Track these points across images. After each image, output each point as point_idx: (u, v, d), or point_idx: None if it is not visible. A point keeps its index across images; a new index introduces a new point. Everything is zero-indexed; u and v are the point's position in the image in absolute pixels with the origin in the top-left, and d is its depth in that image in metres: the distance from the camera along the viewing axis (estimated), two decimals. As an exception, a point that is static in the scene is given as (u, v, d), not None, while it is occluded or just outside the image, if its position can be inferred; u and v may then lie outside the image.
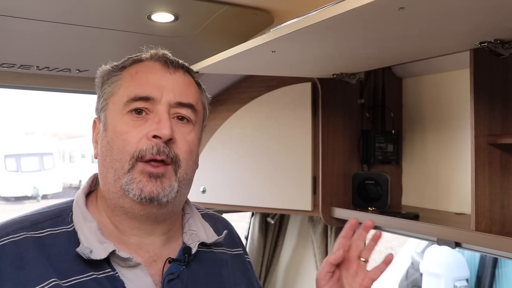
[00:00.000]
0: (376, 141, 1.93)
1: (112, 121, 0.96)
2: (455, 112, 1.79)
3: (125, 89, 0.96)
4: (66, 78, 1.90)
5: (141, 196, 0.92)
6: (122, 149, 0.93)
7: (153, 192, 0.92)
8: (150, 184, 0.92)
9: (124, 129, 0.94)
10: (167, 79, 0.98)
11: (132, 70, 0.99)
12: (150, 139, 0.92)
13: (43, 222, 0.94)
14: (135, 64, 1.00)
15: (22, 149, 18.29)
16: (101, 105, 1.00)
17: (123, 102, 0.95)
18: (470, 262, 3.44)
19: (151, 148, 0.92)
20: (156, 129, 0.92)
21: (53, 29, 1.45)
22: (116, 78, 0.99)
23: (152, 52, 1.01)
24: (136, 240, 0.98)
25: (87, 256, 0.89)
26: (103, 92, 1.00)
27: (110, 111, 0.98)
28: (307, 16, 1.07)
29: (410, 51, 1.36)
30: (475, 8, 0.95)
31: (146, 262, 0.96)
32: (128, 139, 0.93)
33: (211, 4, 1.37)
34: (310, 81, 1.96)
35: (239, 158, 2.12)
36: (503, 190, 1.36)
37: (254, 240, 2.51)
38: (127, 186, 0.92)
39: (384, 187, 1.82)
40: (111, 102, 0.98)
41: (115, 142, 0.94)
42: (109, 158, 0.95)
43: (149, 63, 1.00)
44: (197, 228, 1.06)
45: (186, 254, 1.00)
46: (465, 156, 1.70)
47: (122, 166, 0.93)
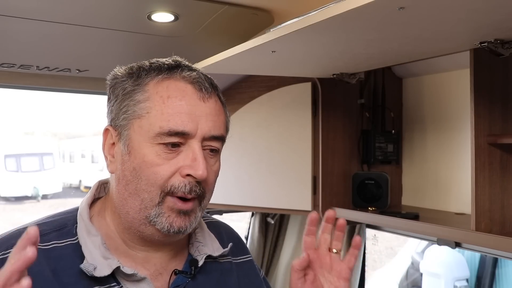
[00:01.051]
0: (376, 141, 1.93)
1: (140, 148, 0.90)
2: (455, 112, 1.79)
3: (157, 116, 0.90)
4: (66, 78, 1.90)
5: (170, 230, 0.91)
6: (153, 182, 0.90)
7: (182, 227, 0.91)
8: (180, 220, 0.91)
9: (155, 160, 0.89)
10: (201, 108, 0.92)
11: (163, 92, 0.91)
12: (184, 176, 0.90)
13: (48, 234, 0.92)
14: (164, 81, 0.92)
15: (22, 149, 18.28)
16: (121, 121, 0.93)
17: (155, 132, 0.89)
18: (470, 262, 3.44)
19: (184, 186, 0.89)
20: (191, 167, 0.89)
21: (53, 29, 1.45)
22: (142, 97, 0.91)
23: (184, 72, 0.93)
24: (143, 255, 0.96)
25: (91, 273, 0.87)
26: (125, 108, 0.92)
27: (137, 135, 0.91)
28: (307, 16, 1.07)
29: (410, 51, 1.36)
30: (475, 8, 0.95)
31: (152, 275, 0.95)
32: (161, 173, 0.89)
33: (211, 4, 1.37)
34: (310, 81, 1.96)
35: (239, 158, 2.12)
36: (503, 190, 1.36)
37: (254, 240, 2.50)
38: (155, 218, 0.90)
39: (384, 187, 1.82)
40: (138, 125, 0.91)
41: (144, 172, 0.90)
42: (135, 185, 0.91)
43: (181, 85, 0.92)
44: (204, 240, 1.04)
45: (192, 267, 0.98)
46: (465, 156, 1.70)
47: (151, 198, 0.90)
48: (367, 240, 2.15)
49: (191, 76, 0.93)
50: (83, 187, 19.15)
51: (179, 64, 0.95)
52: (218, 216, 2.29)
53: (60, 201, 16.13)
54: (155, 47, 1.64)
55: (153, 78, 0.93)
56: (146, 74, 0.93)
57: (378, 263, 6.37)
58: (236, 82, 2.18)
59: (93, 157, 19.04)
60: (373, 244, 2.71)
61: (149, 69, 0.94)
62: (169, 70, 0.93)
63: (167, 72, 0.93)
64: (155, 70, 0.93)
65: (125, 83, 0.94)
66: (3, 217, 13.51)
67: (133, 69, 0.95)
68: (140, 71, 0.94)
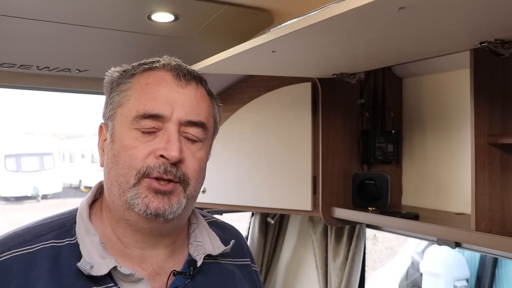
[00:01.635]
0: (376, 141, 1.93)
1: (120, 134, 0.93)
2: (455, 112, 1.79)
3: (134, 102, 0.93)
4: (66, 78, 1.90)
5: (147, 212, 0.90)
6: (128, 164, 0.91)
7: (159, 208, 0.90)
8: (157, 200, 0.90)
9: (131, 144, 0.91)
10: (179, 93, 0.94)
11: (143, 81, 0.95)
12: (158, 157, 0.90)
13: (46, 234, 0.93)
14: (145, 72, 0.96)
15: (22, 149, 18.27)
16: (109, 113, 0.97)
17: (132, 116, 0.92)
18: (470, 262, 3.44)
19: (158, 167, 0.90)
20: (164, 149, 0.90)
21: (53, 29, 1.45)
22: (125, 86, 0.96)
23: (164, 61, 0.97)
24: (139, 253, 0.96)
25: (88, 272, 0.87)
26: (111, 99, 0.97)
27: (118, 122, 0.94)
28: (307, 16, 1.07)
29: (410, 51, 1.36)
30: (475, 8, 0.95)
31: (149, 276, 0.95)
32: (135, 155, 0.91)
33: (211, 4, 1.37)
34: (310, 81, 1.96)
35: (239, 158, 2.12)
36: (503, 190, 1.36)
37: (254, 240, 2.51)
38: (132, 200, 0.91)
39: (384, 187, 1.82)
40: (119, 113, 0.95)
41: (122, 156, 0.92)
42: (114, 171, 0.93)
43: (161, 73, 0.96)
44: (203, 239, 1.03)
45: (191, 267, 0.98)
46: (465, 156, 1.70)
47: (127, 181, 0.91)
48: (367, 240, 2.15)
49: (171, 64, 0.97)
50: (83, 187, 19.14)
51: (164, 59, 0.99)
52: (218, 216, 2.28)
53: (60, 201, 16.13)
54: (155, 47, 1.64)
55: (136, 71, 0.97)
56: (133, 68, 0.98)
57: (378, 263, 6.37)
58: (236, 82, 2.18)
59: (93, 157, 19.02)
60: (373, 244, 2.71)
61: (138, 65, 0.98)
62: (152, 63, 0.98)
63: (150, 63, 0.98)
64: (141, 65, 0.98)
65: (114, 79, 0.98)
66: (3, 217, 13.50)
67: (124, 67, 1.00)
68: (129, 68, 0.99)
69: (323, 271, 2.22)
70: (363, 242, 2.09)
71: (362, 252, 2.10)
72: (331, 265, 2.17)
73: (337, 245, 2.14)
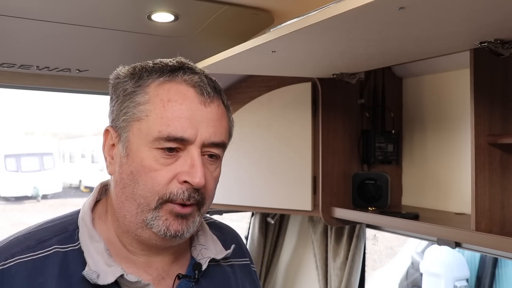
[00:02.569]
0: (376, 141, 1.93)
1: (138, 152, 0.89)
2: (455, 112, 1.79)
3: (156, 120, 0.87)
4: (66, 78, 1.90)
5: (166, 234, 0.89)
6: (150, 188, 0.88)
7: (179, 231, 0.90)
8: (177, 223, 0.89)
9: (153, 166, 0.88)
10: (202, 113, 0.89)
11: (163, 95, 0.89)
12: (182, 183, 0.88)
13: (49, 239, 0.91)
14: (165, 84, 0.90)
15: (22, 149, 18.26)
16: (121, 123, 0.91)
17: (153, 136, 0.87)
18: (470, 262, 3.44)
19: (182, 193, 0.88)
20: (188, 174, 0.87)
21: (53, 29, 1.45)
22: (142, 99, 0.89)
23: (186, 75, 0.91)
24: (144, 259, 0.95)
25: (94, 281, 0.86)
26: (125, 109, 0.91)
27: (135, 138, 0.89)
28: (307, 16, 1.07)
29: (410, 51, 1.36)
30: (475, 8, 0.95)
31: (155, 280, 0.94)
32: (158, 180, 0.88)
33: (211, 4, 1.37)
34: (310, 81, 1.96)
35: (239, 158, 2.12)
36: (503, 190, 1.36)
37: (254, 240, 2.50)
38: (152, 221, 0.89)
39: (384, 187, 1.82)
40: (137, 128, 0.89)
41: (142, 177, 0.88)
42: (132, 189, 0.89)
43: (182, 88, 0.89)
44: (207, 242, 1.03)
45: (196, 271, 0.97)
46: (465, 156, 1.70)
47: (147, 203, 0.89)
48: (367, 240, 2.15)
49: (193, 79, 0.91)
50: (83, 187, 19.13)
51: (182, 66, 0.93)
52: (218, 216, 2.29)
53: (60, 201, 16.12)
54: (155, 47, 1.64)
55: (154, 80, 0.91)
56: (148, 76, 0.91)
57: (378, 263, 6.37)
58: (236, 82, 2.18)
59: (93, 157, 19.02)
60: (373, 244, 2.70)
61: (151, 70, 0.92)
62: (171, 72, 0.91)
63: (169, 74, 0.91)
64: (157, 72, 0.91)
65: (126, 84, 0.92)
66: (3, 217, 13.50)
67: (135, 69, 0.93)
68: (142, 72, 0.92)
69: (323, 271, 2.22)
70: (363, 242, 2.09)
71: (362, 252, 2.10)
72: (331, 265, 2.17)
73: (337, 245, 2.14)
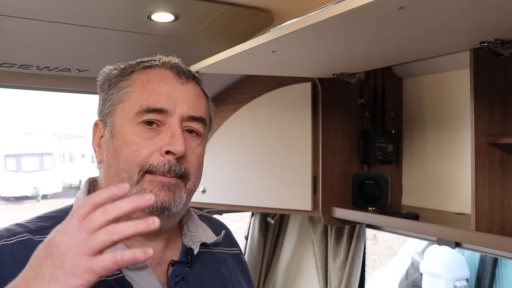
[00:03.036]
0: (376, 141, 1.93)
1: (122, 129, 0.94)
2: (455, 112, 1.79)
3: (137, 97, 0.94)
4: (66, 78, 1.90)
5: (153, 206, 0.90)
6: (132, 159, 0.92)
7: (165, 201, 0.91)
8: (163, 193, 0.91)
9: (134, 139, 0.92)
10: (180, 90, 0.96)
11: (143, 77, 0.97)
12: (163, 154, 0.91)
13: (48, 228, 0.92)
14: (145, 70, 0.98)
15: (22, 149, 18.28)
16: (107, 109, 0.97)
17: (135, 112, 0.93)
18: (470, 262, 3.44)
19: (163, 165, 0.91)
20: (170, 144, 0.91)
21: (53, 29, 1.45)
22: (125, 83, 0.97)
23: (164, 60, 0.99)
24: (138, 245, 0.97)
25: None
26: (110, 96, 0.97)
27: (119, 118, 0.95)
28: (307, 16, 1.07)
29: (410, 51, 1.36)
30: (475, 8, 0.95)
31: (151, 265, 0.96)
32: (140, 151, 0.92)
33: (211, 4, 1.37)
34: (310, 81, 1.96)
35: (239, 158, 2.12)
36: (503, 190, 1.36)
37: (254, 240, 2.50)
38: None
39: (384, 187, 1.82)
40: (120, 109, 0.95)
41: (124, 152, 0.92)
42: (115, 167, 0.93)
43: (161, 71, 0.98)
44: (196, 230, 1.06)
45: (188, 256, 1.00)
46: (465, 156, 1.70)
47: (130, 177, 0.91)
48: (367, 240, 2.15)
49: (170, 62, 0.99)
50: (83, 187, 19.08)
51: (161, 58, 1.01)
52: (218, 216, 2.29)
53: (60, 201, 16.12)
54: (155, 47, 1.63)
55: (135, 69, 0.99)
56: (131, 66, 0.99)
57: (378, 263, 6.37)
58: (236, 82, 2.18)
59: (93, 157, 18.86)
60: (373, 244, 2.71)
61: (136, 64, 1.00)
62: (150, 61, 1.00)
63: (149, 61, 0.99)
64: (139, 63, 0.99)
65: (112, 77, 0.99)
66: (3, 217, 13.50)
67: (121, 66, 1.01)
68: (128, 66, 1.00)
69: (323, 271, 2.22)
70: (363, 242, 2.09)
71: (362, 252, 2.10)
72: (331, 265, 2.17)
73: (337, 245, 2.14)
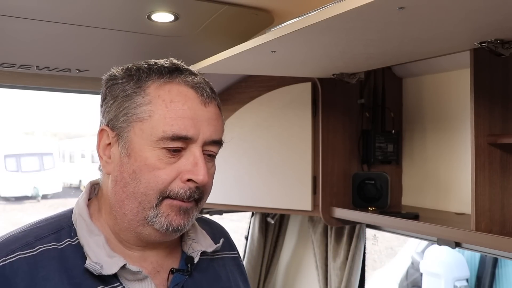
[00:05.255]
0: (376, 141, 1.93)
1: (141, 151, 0.90)
2: (455, 112, 1.79)
3: (160, 120, 0.89)
4: (66, 78, 1.90)
5: (168, 228, 0.91)
6: (153, 185, 0.90)
7: (181, 225, 0.92)
8: (179, 217, 0.92)
9: (156, 164, 0.89)
10: (203, 113, 0.92)
11: (165, 96, 0.90)
12: (184, 182, 0.90)
13: (46, 236, 0.92)
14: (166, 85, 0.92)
15: (22, 149, 18.28)
16: (120, 122, 0.92)
17: (158, 136, 0.89)
18: (470, 262, 3.44)
19: (184, 192, 0.90)
20: (192, 173, 0.90)
21: (53, 29, 1.45)
22: (143, 99, 0.91)
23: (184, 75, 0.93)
24: (139, 253, 0.97)
25: (98, 272, 0.87)
26: (124, 110, 0.92)
27: (138, 138, 0.90)
28: (307, 16, 1.07)
29: (410, 51, 1.36)
30: (475, 8, 0.95)
31: (151, 274, 0.96)
32: (162, 177, 0.90)
33: (211, 4, 1.37)
34: (310, 81, 1.96)
35: (239, 158, 2.12)
36: (503, 190, 1.36)
37: (254, 240, 2.50)
38: (154, 218, 0.91)
39: (384, 187, 1.82)
40: (139, 128, 0.90)
41: (145, 176, 0.90)
42: (133, 188, 0.91)
43: (182, 89, 0.92)
44: (196, 237, 1.05)
45: (188, 264, 0.99)
46: (465, 156, 1.70)
47: (149, 201, 0.90)
48: (367, 240, 2.15)
49: (194, 80, 0.94)
50: (83, 187, 18.99)
51: (179, 68, 0.95)
52: (218, 216, 2.29)
53: (60, 201, 16.13)
54: (155, 47, 1.64)
55: (154, 81, 0.92)
56: (147, 77, 0.93)
57: (378, 263, 6.37)
58: (236, 82, 2.18)
59: (93, 157, 19.02)
60: (373, 244, 2.70)
61: (148, 71, 0.94)
62: (170, 74, 0.93)
63: (168, 75, 0.93)
64: (155, 73, 0.93)
65: (125, 85, 0.93)
66: (3, 217, 13.50)
67: (132, 71, 0.95)
68: (140, 73, 0.94)
69: (323, 271, 2.22)
70: (363, 242, 2.09)
71: (362, 252, 2.10)
72: (331, 265, 2.17)
73: (337, 245, 2.14)
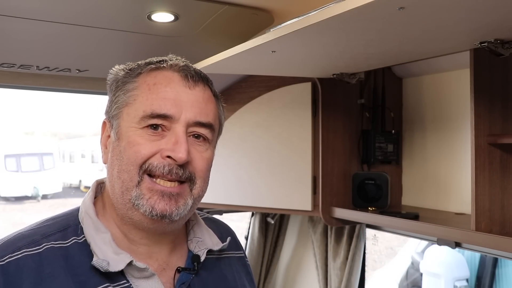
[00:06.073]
0: (376, 141, 1.93)
1: (126, 132, 0.93)
2: (455, 112, 1.79)
3: (142, 102, 0.93)
4: (66, 78, 1.90)
5: (152, 213, 0.90)
6: (132, 160, 0.91)
7: (166, 210, 0.91)
8: (163, 202, 0.91)
9: (137, 140, 0.91)
10: (187, 94, 0.93)
11: (150, 80, 0.94)
12: (164, 158, 0.91)
13: (53, 234, 0.92)
14: (152, 72, 0.96)
15: (22, 149, 18.28)
16: (113, 111, 0.96)
17: (139, 116, 0.92)
18: (470, 262, 3.44)
19: (162, 167, 0.90)
20: (172, 150, 0.90)
21: (53, 29, 1.45)
22: (131, 86, 0.95)
23: (172, 62, 0.97)
24: (145, 249, 0.97)
25: (105, 268, 0.88)
26: (117, 98, 0.96)
27: (124, 121, 0.94)
28: (307, 16, 1.07)
29: (410, 51, 1.36)
30: (475, 8, 0.95)
31: (157, 271, 0.96)
32: (141, 152, 0.91)
33: (211, 4, 1.37)
34: (310, 81, 1.96)
35: (239, 158, 2.12)
36: (503, 190, 1.36)
37: (254, 240, 2.50)
38: (136, 201, 0.91)
39: (384, 187, 1.82)
40: (126, 112, 0.94)
41: (126, 152, 0.92)
42: (118, 167, 0.93)
43: (168, 74, 0.95)
44: (202, 235, 1.05)
45: (195, 263, 0.99)
46: (465, 156, 1.70)
47: (130, 178, 0.91)
48: (367, 240, 2.15)
49: (178, 64, 0.96)
50: (83, 187, 19.13)
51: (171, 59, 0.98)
52: (218, 216, 2.29)
53: (60, 201, 16.12)
54: (155, 47, 1.64)
55: (143, 70, 0.97)
56: (138, 67, 0.98)
57: (378, 263, 6.37)
58: (236, 82, 2.18)
59: (93, 157, 19.02)
60: (373, 244, 2.71)
61: (143, 64, 0.98)
62: (159, 63, 0.97)
63: (157, 63, 0.97)
64: (147, 64, 0.98)
65: (119, 77, 0.98)
66: (3, 217, 13.50)
67: (129, 66, 0.99)
68: (134, 66, 0.98)
69: (323, 271, 2.22)
70: (363, 242, 2.09)
71: (362, 252, 2.10)
72: (331, 265, 2.17)
73: (337, 245, 2.14)
